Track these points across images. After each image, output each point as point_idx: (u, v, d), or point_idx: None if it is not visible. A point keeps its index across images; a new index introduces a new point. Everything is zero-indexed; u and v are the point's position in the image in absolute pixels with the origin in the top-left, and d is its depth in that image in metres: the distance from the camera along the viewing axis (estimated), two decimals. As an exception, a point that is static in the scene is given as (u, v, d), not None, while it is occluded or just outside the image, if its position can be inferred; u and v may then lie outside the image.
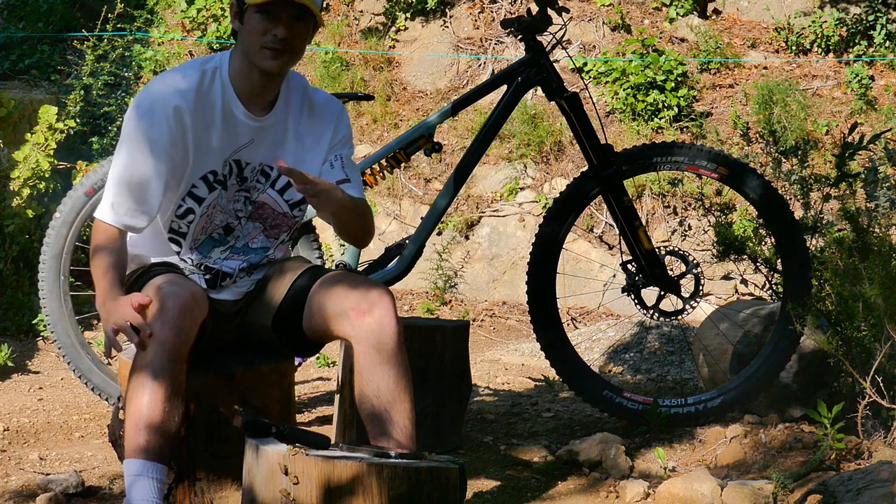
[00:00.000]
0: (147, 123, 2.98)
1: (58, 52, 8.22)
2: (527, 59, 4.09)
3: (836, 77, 8.12)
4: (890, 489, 2.99)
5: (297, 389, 4.51)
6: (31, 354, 5.50)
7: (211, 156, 3.05)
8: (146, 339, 2.83)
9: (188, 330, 2.86)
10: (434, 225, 4.12)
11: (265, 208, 3.16)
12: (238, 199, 3.12)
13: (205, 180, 3.07)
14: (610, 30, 8.38)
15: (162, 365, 2.80)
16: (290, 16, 2.99)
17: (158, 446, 2.80)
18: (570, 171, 7.50)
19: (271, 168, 3.12)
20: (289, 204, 3.17)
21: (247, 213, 3.15)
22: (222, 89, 3.04)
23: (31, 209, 5.98)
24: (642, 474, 3.77)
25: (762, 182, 4.13)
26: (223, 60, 3.08)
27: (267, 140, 3.10)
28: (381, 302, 2.97)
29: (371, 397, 2.95)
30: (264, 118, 3.08)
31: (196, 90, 3.01)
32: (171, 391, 2.81)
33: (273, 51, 2.99)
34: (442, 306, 7.17)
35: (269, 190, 3.14)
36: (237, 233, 3.16)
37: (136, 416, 2.80)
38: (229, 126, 3.05)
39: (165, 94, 2.99)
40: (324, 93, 3.24)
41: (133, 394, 2.81)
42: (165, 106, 2.98)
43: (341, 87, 8.09)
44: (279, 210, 3.18)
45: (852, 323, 3.85)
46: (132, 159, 2.99)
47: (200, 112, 3.00)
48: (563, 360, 4.15)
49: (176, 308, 2.84)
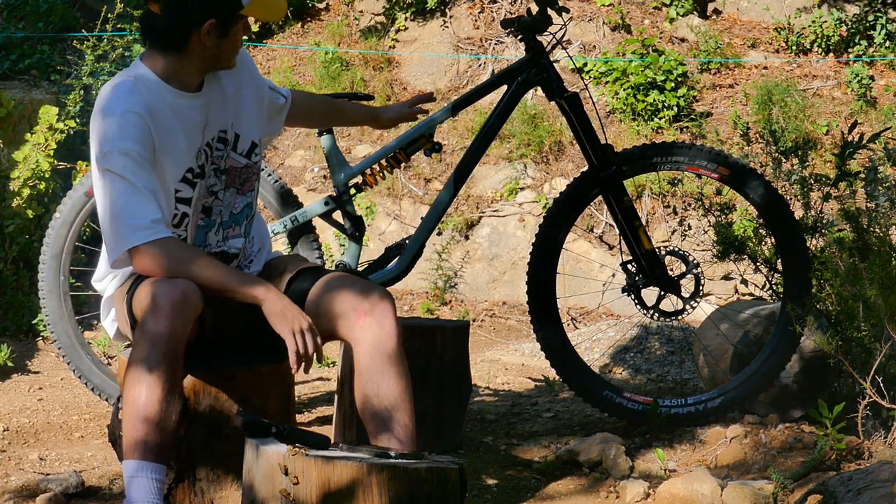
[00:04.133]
0: (127, 143, 2.93)
1: (58, 52, 8.22)
2: (527, 59, 4.09)
3: (836, 77, 8.12)
4: (890, 489, 2.99)
5: (297, 389, 4.51)
6: (31, 354, 5.50)
7: (184, 155, 3.05)
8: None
9: (182, 326, 2.83)
10: (434, 225, 4.12)
11: (232, 171, 3.18)
12: (210, 175, 3.14)
13: (185, 181, 3.06)
14: (610, 30, 8.37)
15: (157, 362, 2.79)
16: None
17: (156, 445, 2.79)
18: (570, 171, 7.50)
19: (224, 132, 3.14)
20: (244, 155, 3.20)
21: (222, 185, 3.16)
22: (159, 89, 3.03)
23: (31, 209, 5.98)
24: (642, 474, 3.77)
25: (762, 182, 4.13)
26: (139, 68, 3.05)
27: (214, 109, 3.12)
28: (380, 303, 2.97)
29: (371, 398, 2.95)
30: (202, 92, 3.10)
31: (146, 101, 2.98)
32: (168, 388, 2.80)
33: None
34: (442, 306, 7.17)
35: (231, 153, 3.17)
36: (217, 208, 3.17)
37: (133, 416, 2.79)
38: (183, 118, 3.05)
39: (125, 112, 2.95)
40: None
41: (129, 393, 2.80)
42: (130, 122, 2.94)
43: (341, 87, 8.09)
44: (240, 165, 3.19)
45: (852, 323, 3.85)
46: (129, 182, 2.93)
47: (158, 119, 2.99)
48: (563, 361, 4.15)
49: (167, 305, 2.82)
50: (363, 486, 2.55)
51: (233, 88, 3.18)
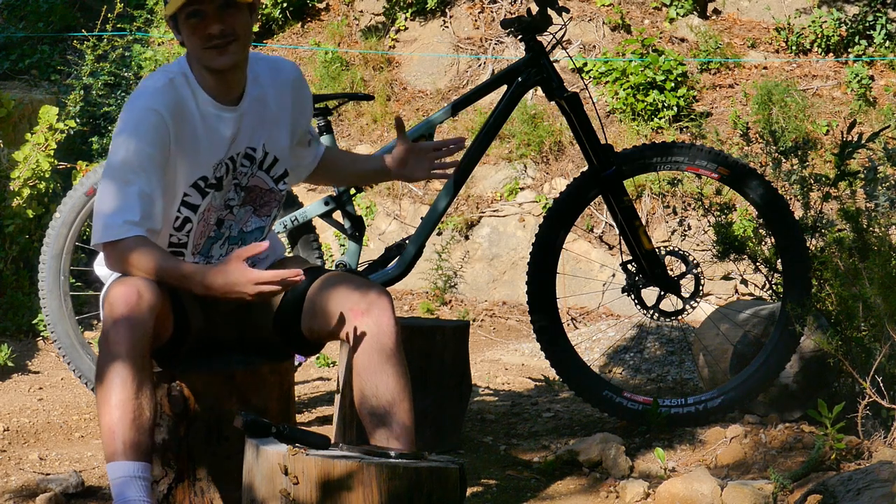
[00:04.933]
0: (136, 141, 2.93)
1: (58, 52, 8.22)
2: (527, 59, 4.09)
3: (835, 77, 8.12)
4: (890, 489, 2.99)
5: (297, 389, 4.51)
6: (31, 354, 5.50)
7: (200, 163, 3.02)
8: (296, 278, 2.78)
9: (140, 325, 2.81)
10: (434, 225, 4.12)
11: (255, 190, 3.16)
12: (229, 189, 3.12)
13: (196, 187, 3.04)
14: (610, 30, 8.38)
15: (122, 363, 2.78)
16: (216, 8, 2.96)
17: (136, 444, 2.78)
18: (570, 171, 7.50)
19: (254, 150, 3.11)
20: (274, 179, 3.18)
21: (239, 201, 3.15)
22: (193, 94, 3.01)
23: (31, 209, 5.98)
24: (642, 474, 3.77)
25: (762, 182, 4.13)
26: (183, 65, 3.05)
27: (247, 125, 3.08)
28: (379, 302, 2.97)
29: (370, 397, 2.95)
30: (239, 106, 3.07)
31: (174, 101, 2.97)
32: (137, 386, 2.79)
33: (215, 48, 2.97)
34: (442, 306, 7.17)
35: (259, 172, 3.14)
36: (228, 222, 3.15)
37: (108, 420, 2.78)
38: (211, 128, 3.02)
39: (147, 108, 2.95)
40: (283, 61, 3.23)
41: (101, 399, 2.80)
42: (148, 119, 2.93)
43: (341, 87, 8.09)
44: (266, 187, 3.18)
45: (852, 323, 3.85)
46: (121, 178, 2.93)
47: (182, 122, 2.97)
48: (562, 361, 4.15)
49: (122, 304, 2.81)
50: (363, 487, 2.55)
51: (275, 108, 3.14)
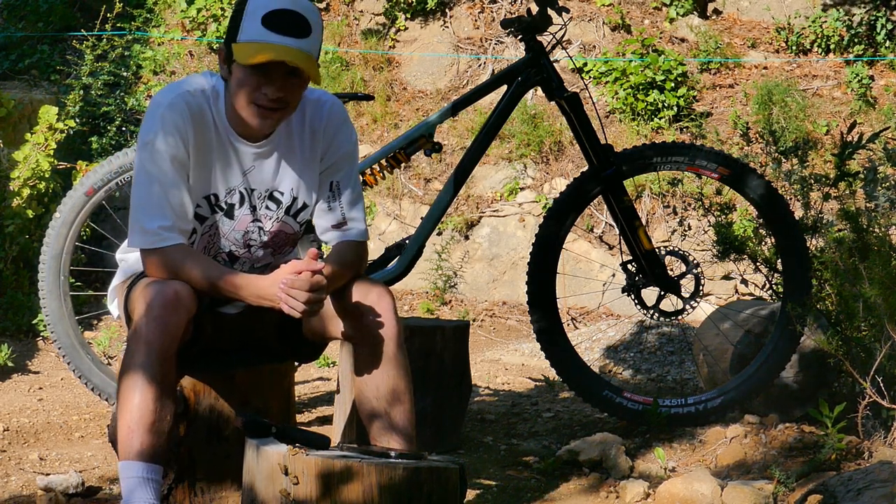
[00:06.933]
0: (162, 140, 2.90)
1: (57, 52, 8.22)
2: (527, 59, 4.09)
3: (836, 77, 8.12)
4: (890, 489, 2.99)
5: (297, 389, 4.51)
6: (31, 354, 5.50)
7: (211, 177, 2.97)
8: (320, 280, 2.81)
9: (174, 327, 2.82)
10: (434, 225, 4.13)
11: (280, 235, 3.11)
12: (251, 231, 3.06)
13: (207, 200, 3.00)
14: (610, 30, 8.37)
15: (150, 365, 2.78)
16: (283, 73, 2.86)
17: (152, 447, 2.79)
18: (570, 171, 7.49)
19: (282, 193, 3.04)
20: (300, 224, 3.12)
21: (260, 243, 3.10)
22: (216, 119, 2.94)
23: (31, 209, 5.98)
24: (642, 474, 3.77)
25: (762, 182, 4.13)
26: (219, 86, 2.96)
27: (269, 164, 3.01)
28: (381, 301, 2.97)
29: (371, 397, 2.95)
30: (263, 143, 2.99)
31: (198, 108, 2.92)
32: (161, 390, 2.80)
33: (263, 109, 2.86)
34: (442, 306, 7.17)
35: (285, 216, 3.07)
36: (243, 259, 3.11)
37: (128, 418, 2.78)
38: (225, 153, 2.97)
39: (172, 109, 2.90)
40: (326, 101, 3.09)
41: (124, 395, 2.80)
42: (173, 118, 2.89)
43: (341, 87, 8.08)
44: (292, 231, 3.12)
45: (852, 323, 3.85)
46: (152, 180, 2.91)
47: (199, 132, 2.92)
48: (563, 361, 4.15)
49: (160, 306, 2.81)
50: (363, 486, 2.55)
51: (308, 152, 3.02)
